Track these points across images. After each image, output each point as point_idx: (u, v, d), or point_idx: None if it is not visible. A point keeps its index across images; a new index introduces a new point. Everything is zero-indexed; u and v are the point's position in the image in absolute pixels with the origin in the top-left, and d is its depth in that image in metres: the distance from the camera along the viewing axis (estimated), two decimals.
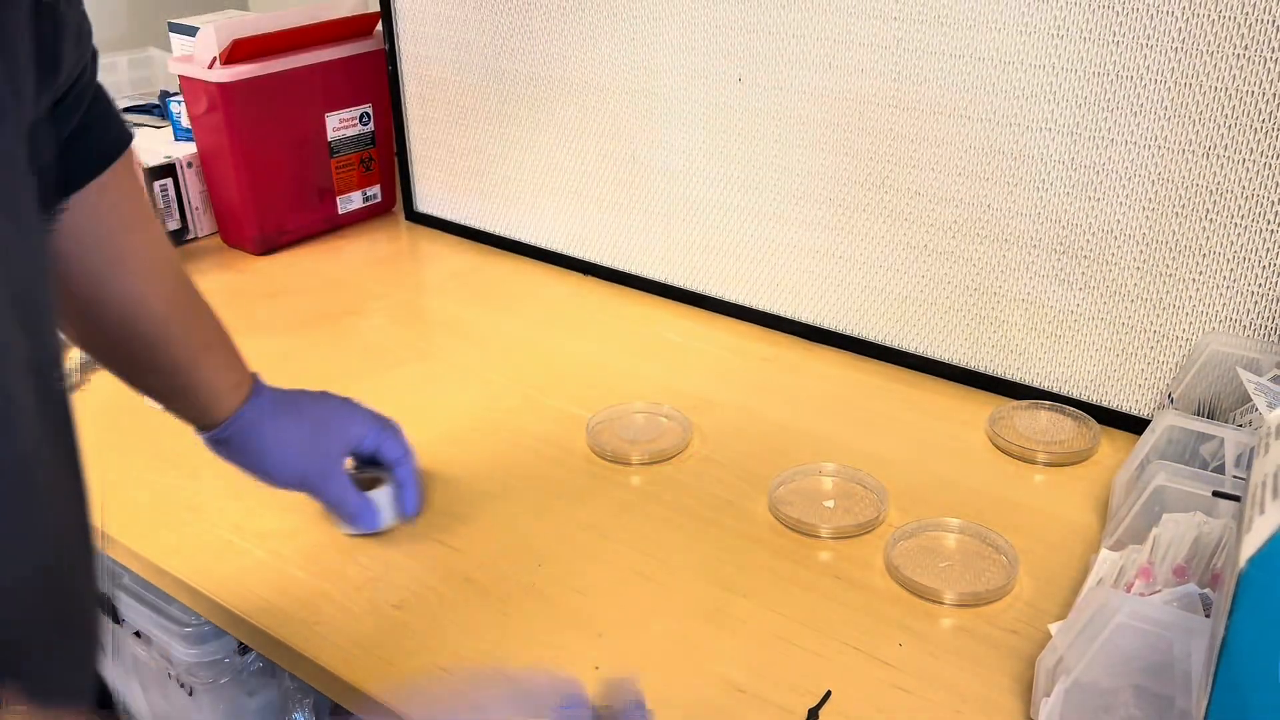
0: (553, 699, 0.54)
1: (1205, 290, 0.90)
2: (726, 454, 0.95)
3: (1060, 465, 0.93)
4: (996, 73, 0.93)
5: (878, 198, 1.04)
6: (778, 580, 0.80)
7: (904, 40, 0.97)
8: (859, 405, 1.03)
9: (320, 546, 0.84)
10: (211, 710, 1.01)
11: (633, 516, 0.87)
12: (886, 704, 0.69)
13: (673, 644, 0.74)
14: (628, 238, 1.25)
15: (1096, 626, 0.61)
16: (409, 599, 0.79)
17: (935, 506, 0.87)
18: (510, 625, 0.76)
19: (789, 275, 1.14)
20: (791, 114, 1.07)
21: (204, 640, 0.99)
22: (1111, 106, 0.89)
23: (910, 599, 0.78)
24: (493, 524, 0.86)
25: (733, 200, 1.15)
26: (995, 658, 0.73)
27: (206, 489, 0.91)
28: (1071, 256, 0.96)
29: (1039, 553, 0.82)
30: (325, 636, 0.76)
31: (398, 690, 0.71)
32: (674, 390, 1.05)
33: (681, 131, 1.15)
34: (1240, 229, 0.87)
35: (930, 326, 1.06)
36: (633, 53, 1.15)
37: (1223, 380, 0.87)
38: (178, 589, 0.83)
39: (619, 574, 0.81)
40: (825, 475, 0.91)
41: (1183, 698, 0.59)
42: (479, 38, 1.26)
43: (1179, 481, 0.73)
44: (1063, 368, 1.00)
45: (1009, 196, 0.97)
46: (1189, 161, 0.87)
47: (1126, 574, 0.70)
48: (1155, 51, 0.86)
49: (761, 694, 0.70)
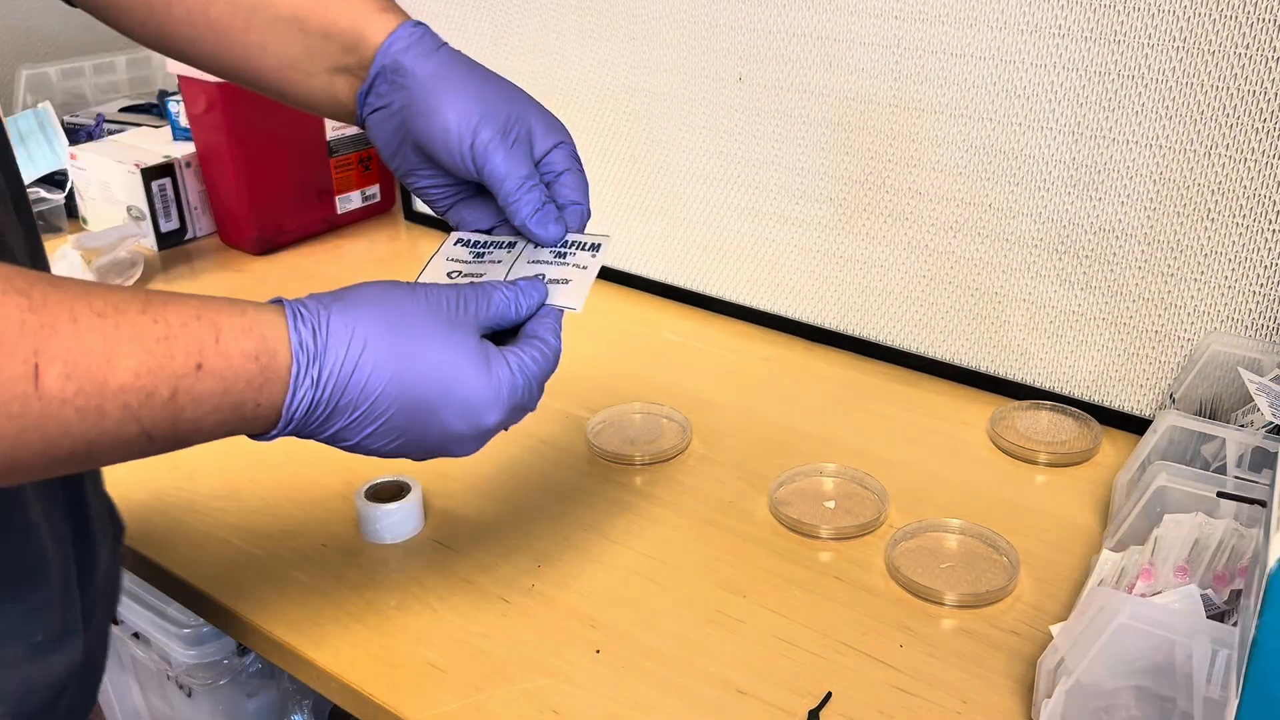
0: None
1: (1207, 290, 0.90)
2: (726, 454, 0.95)
3: (1061, 466, 0.93)
4: (997, 72, 0.93)
5: (879, 197, 1.04)
6: (778, 581, 0.80)
7: (905, 39, 0.97)
8: (859, 405, 1.03)
9: (319, 547, 0.84)
10: (210, 711, 1.01)
11: (633, 517, 0.87)
12: (887, 705, 0.69)
13: (673, 644, 0.74)
14: (628, 238, 1.25)
15: (1098, 627, 0.61)
16: (408, 600, 0.79)
17: (936, 507, 0.87)
18: (510, 626, 0.76)
19: (789, 275, 1.14)
20: (792, 113, 1.06)
21: (203, 641, 0.99)
22: (1113, 106, 0.89)
23: (911, 600, 0.78)
24: (493, 524, 0.86)
25: (733, 200, 1.14)
26: (996, 659, 0.73)
27: (205, 490, 0.91)
28: (1073, 256, 0.95)
29: (1040, 553, 0.82)
30: (324, 638, 0.75)
31: (397, 691, 0.71)
32: (674, 390, 1.04)
33: (682, 131, 1.15)
34: (1242, 229, 0.87)
35: (931, 326, 1.06)
36: (632, 52, 1.15)
37: (1224, 380, 0.86)
38: (177, 590, 0.83)
39: (619, 574, 0.81)
40: (826, 476, 0.91)
41: (1184, 699, 0.59)
42: (478, 37, 1.26)
43: (1180, 482, 0.73)
44: (1064, 368, 1.00)
45: (1010, 196, 0.97)
46: (1190, 161, 0.87)
47: (1128, 575, 0.70)
48: (1157, 51, 0.85)
49: (761, 695, 0.70)
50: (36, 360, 0.44)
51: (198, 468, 0.93)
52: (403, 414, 0.56)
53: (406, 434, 0.57)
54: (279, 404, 0.53)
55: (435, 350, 0.56)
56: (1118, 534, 0.76)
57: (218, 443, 0.54)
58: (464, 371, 0.57)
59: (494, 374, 0.58)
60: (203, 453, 0.79)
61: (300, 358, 0.53)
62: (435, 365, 0.56)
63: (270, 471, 0.93)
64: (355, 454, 0.58)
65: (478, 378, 0.57)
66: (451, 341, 0.57)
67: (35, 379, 0.44)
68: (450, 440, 0.58)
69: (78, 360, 0.46)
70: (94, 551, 0.67)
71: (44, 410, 0.45)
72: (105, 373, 0.46)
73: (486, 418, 0.58)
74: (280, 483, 0.92)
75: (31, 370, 0.44)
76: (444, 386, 0.56)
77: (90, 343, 0.46)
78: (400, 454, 0.59)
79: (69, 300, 0.46)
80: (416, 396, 0.56)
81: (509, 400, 0.59)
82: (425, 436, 0.57)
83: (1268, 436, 0.77)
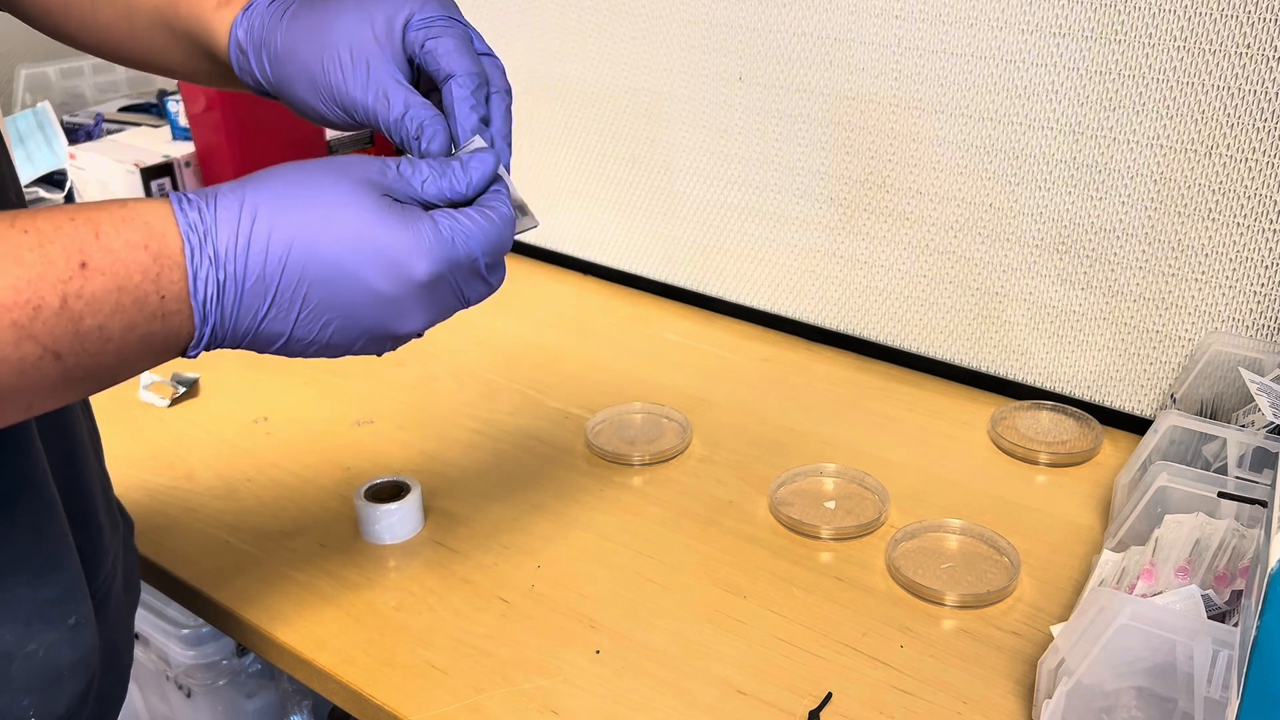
0: None
1: (1208, 290, 0.90)
2: (726, 454, 0.95)
3: (1062, 466, 0.93)
4: (998, 71, 0.93)
5: (879, 197, 1.04)
6: (778, 581, 0.80)
7: (905, 39, 0.97)
8: (860, 405, 1.03)
9: (319, 547, 0.84)
10: (210, 712, 1.01)
11: (633, 517, 0.87)
12: (887, 706, 0.69)
13: (673, 645, 0.74)
14: (628, 238, 1.25)
15: (1098, 628, 0.61)
16: (407, 600, 0.78)
17: (937, 507, 0.87)
18: (510, 626, 0.76)
19: (789, 275, 1.13)
20: (792, 112, 1.06)
21: (202, 642, 0.99)
22: (1113, 105, 0.89)
23: (911, 600, 0.78)
24: (492, 524, 0.86)
25: (733, 200, 1.14)
26: (997, 659, 0.73)
27: (203, 490, 0.91)
28: (1073, 256, 0.95)
29: (1041, 554, 0.82)
30: (324, 638, 0.75)
31: (397, 691, 0.71)
32: (674, 390, 1.04)
33: (682, 130, 1.15)
34: (1243, 228, 0.86)
35: (931, 326, 1.06)
36: (633, 51, 1.15)
37: (1225, 380, 0.86)
38: (175, 590, 0.83)
39: (619, 574, 0.81)
40: (826, 476, 0.91)
41: (1185, 699, 0.59)
42: None
43: (1181, 482, 0.73)
44: (1065, 368, 0.99)
45: (1011, 196, 0.97)
46: (1191, 160, 0.87)
47: (1129, 575, 0.70)
48: (1157, 50, 0.85)
49: (762, 695, 0.70)
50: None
51: (196, 467, 0.93)
52: (320, 286, 0.52)
53: (335, 311, 0.52)
54: (184, 294, 0.49)
55: (339, 209, 0.52)
56: (1118, 534, 0.76)
57: (217, 441, 0.53)
58: (372, 222, 0.52)
59: (412, 225, 0.53)
60: (202, 451, 0.80)
61: (191, 237, 0.49)
62: (340, 224, 0.51)
63: (269, 471, 0.93)
64: (306, 358, 0.55)
65: (392, 226, 0.52)
66: (355, 195, 0.52)
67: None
68: (386, 307, 0.53)
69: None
70: (100, 543, 0.67)
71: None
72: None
73: (414, 268, 0.52)
74: (279, 482, 0.91)
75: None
76: (355, 242, 0.51)
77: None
78: (345, 344, 0.54)
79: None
80: (326, 260, 0.51)
81: (439, 250, 0.53)
82: (356, 309, 0.53)
83: (1269, 437, 0.77)
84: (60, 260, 0.46)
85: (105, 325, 0.48)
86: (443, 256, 0.53)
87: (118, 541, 0.70)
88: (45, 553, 0.59)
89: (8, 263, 0.45)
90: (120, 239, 0.48)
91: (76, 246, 0.47)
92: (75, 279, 0.46)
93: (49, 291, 0.46)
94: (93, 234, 0.47)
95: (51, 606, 0.60)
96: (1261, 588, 0.46)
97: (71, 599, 0.61)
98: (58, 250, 0.46)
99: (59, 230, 0.47)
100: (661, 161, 1.18)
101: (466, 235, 0.54)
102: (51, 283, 0.46)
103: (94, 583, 0.65)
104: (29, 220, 0.47)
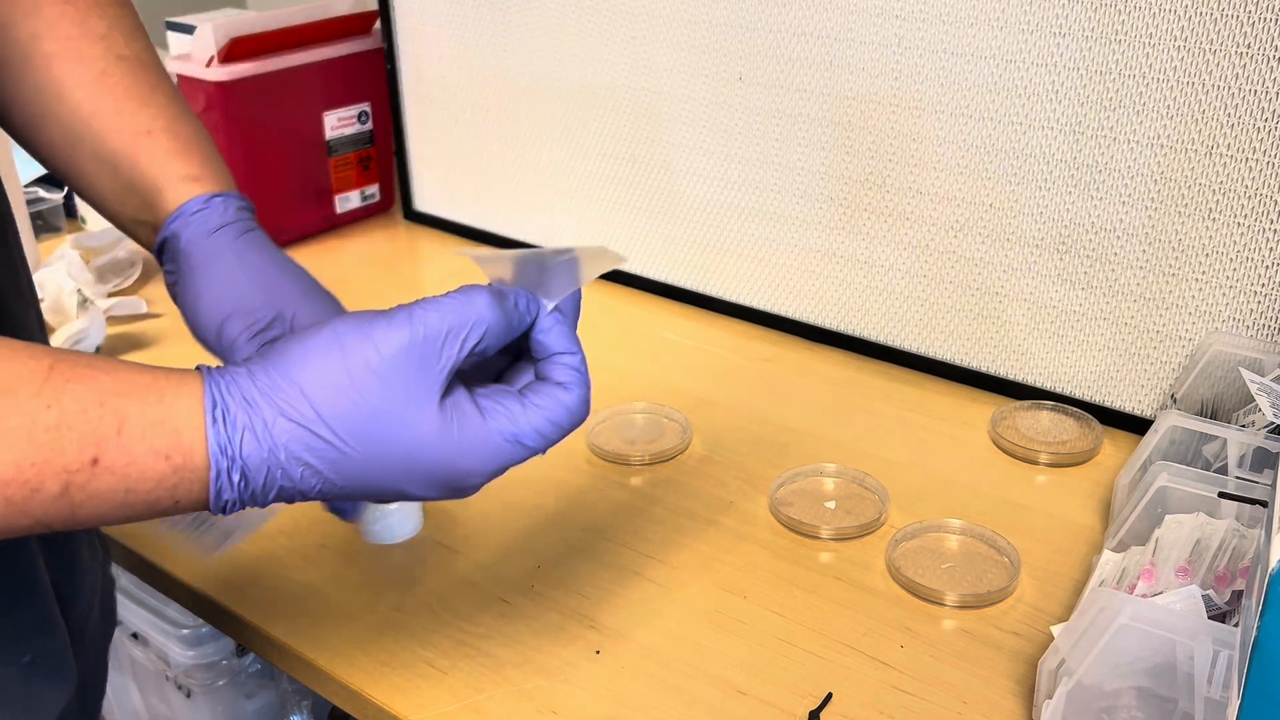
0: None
1: (1208, 290, 0.90)
2: (726, 454, 0.95)
3: (1062, 466, 0.93)
4: (998, 71, 0.93)
5: (879, 197, 1.04)
6: (778, 581, 0.80)
7: (905, 38, 0.97)
8: (860, 405, 1.03)
9: (318, 547, 0.84)
10: (209, 713, 1.01)
11: (633, 516, 0.87)
12: (887, 706, 0.69)
13: (673, 645, 0.74)
14: (628, 237, 1.25)
15: (1099, 628, 0.61)
16: (407, 600, 0.78)
17: (937, 507, 0.87)
18: (509, 626, 0.76)
19: (789, 275, 1.13)
20: (792, 112, 1.06)
21: (202, 642, 0.99)
22: (1114, 105, 0.89)
23: (912, 600, 0.78)
24: (492, 524, 0.86)
25: (733, 199, 1.14)
26: (997, 659, 0.73)
27: None
28: (1073, 256, 0.95)
29: (1041, 554, 0.82)
30: (323, 638, 0.75)
31: (396, 691, 0.71)
32: (674, 390, 1.04)
33: (682, 130, 1.15)
34: (1243, 228, 0.86)
35: (931, 326, 1.06)
36: (633, 51, 1.15)
37: (1225, 380, 0.86)
38: (175, 590, 0.83)
39: (619, 574, 0.81)
40: (826, 476, 0.91)
41: (1186, 700, 0.59)
42: (478, 36, 1.26)
43: (1182, 482, 0.73)
44: (1065, 368, 0.99)
45: (1011, 196, 0.96)
46: (1191, 160, 0.87)
47: (1129, 575, 0.70)
48: (1157, 49, 0.85)
49: (761, 695, 0.70)
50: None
51: None
52: (360, 491, 0.49)
53: (376, 496, 0.50)
54: (202, 500, 0.47)
55: (381, 433, 0.47)
56: (1119, 534, 0.76)
57: None
58: (422, 446, 0.48)
59: (465, 436, 0.49)
60: None
61: (220, 460, 0.46)
62: (382, 454, 0.48)
63: None
64: None
65: (443, 449, 0.48)
66: (406, 415, 0.48)
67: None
68: (434, 498, 0.51)
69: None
70: (79, 572, 0.67)
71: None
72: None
73: (465, 482, 0.50)
74: None
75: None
76: (404, 468, 0.48)
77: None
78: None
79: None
80: (368, 482, 0.49)
81: (493, 462, 0.50)
82: (402, 497, 0.51)
83: (1269, 437, 0.77)
84: (73, 450, 0.44)
85: (106, 515, 0.46)
86: (495, 468, 0.50)
87: (95, 574, 0.70)
88: (14, 584, 0.58)
89: (18, 436, 0.43)
90: (143, 445, 0.45)
91: (94, 440, 0.44)
92: (83, 472, 0.44)
93: (51, 479, 0.43)
94: (115, 429, 0.44)
95: (18, 640, 0.58)
96: (1262, 588, 0.46)
97: (39, 634, 0.60)
98: (73, 439, 0.44)
99: (82, 415, 0.44)
100: (661, 161, 1.18)
101: (535, 434, 0.51)
102: (56, 470, 0.43)
103: (69, 619, 0.64)
104: (58, 390, 0.44)
